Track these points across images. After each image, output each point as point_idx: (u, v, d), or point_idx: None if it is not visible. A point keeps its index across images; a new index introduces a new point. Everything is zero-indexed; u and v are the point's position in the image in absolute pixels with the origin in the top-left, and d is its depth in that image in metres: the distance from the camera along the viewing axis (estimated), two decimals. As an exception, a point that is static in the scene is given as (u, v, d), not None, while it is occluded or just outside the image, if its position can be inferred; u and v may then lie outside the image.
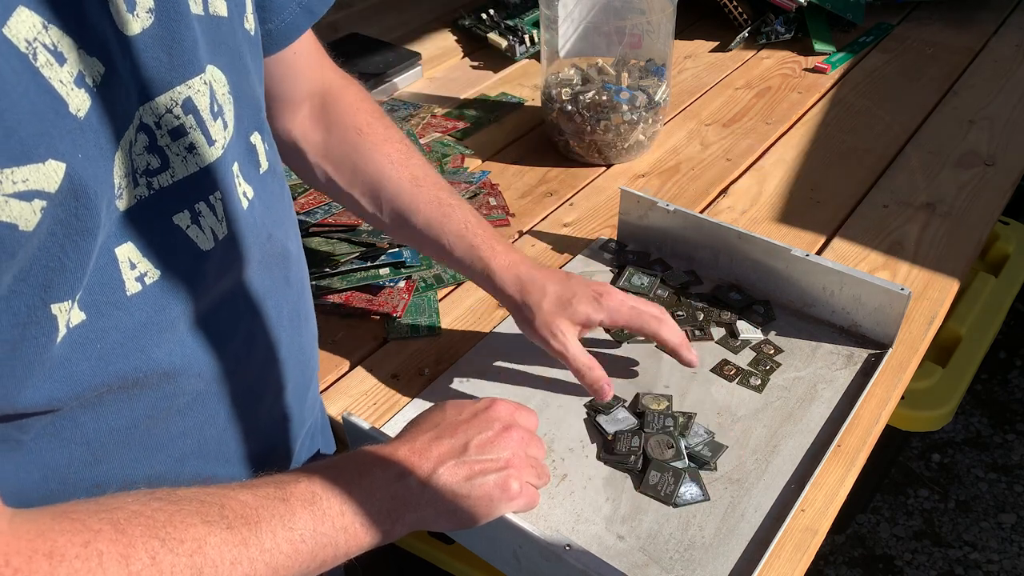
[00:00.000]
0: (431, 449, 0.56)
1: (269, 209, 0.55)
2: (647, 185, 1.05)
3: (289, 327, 0.59)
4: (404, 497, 0.53)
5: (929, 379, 1.14)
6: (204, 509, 0.44)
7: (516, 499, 0.57)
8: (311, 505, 0.49)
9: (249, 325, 0.55)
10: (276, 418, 0.61)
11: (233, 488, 0.48)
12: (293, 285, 0.60)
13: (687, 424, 0.71)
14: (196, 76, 0.46)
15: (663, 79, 1.08)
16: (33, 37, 0.36)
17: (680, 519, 0.65)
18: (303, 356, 0.62)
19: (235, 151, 0.51)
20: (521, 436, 0.59)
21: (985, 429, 1.84)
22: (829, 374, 0.77)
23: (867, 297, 0.78)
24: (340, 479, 0.52)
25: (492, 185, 1.03)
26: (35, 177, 0.36)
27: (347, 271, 0.87)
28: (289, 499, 0.48)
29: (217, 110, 0.48)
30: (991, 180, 1.05)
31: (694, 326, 0.82)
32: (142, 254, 0.44)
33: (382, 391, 0.77)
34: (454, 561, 1.00)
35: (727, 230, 0.84)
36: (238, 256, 0.52)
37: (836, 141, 1.14)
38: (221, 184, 0.49)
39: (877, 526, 1.66)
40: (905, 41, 1.40)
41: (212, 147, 0.48)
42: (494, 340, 0.81)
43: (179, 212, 0.47)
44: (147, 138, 0.44)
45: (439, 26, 1.46)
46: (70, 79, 0.38)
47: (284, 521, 0.47)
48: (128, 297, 0.44)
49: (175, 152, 0.46)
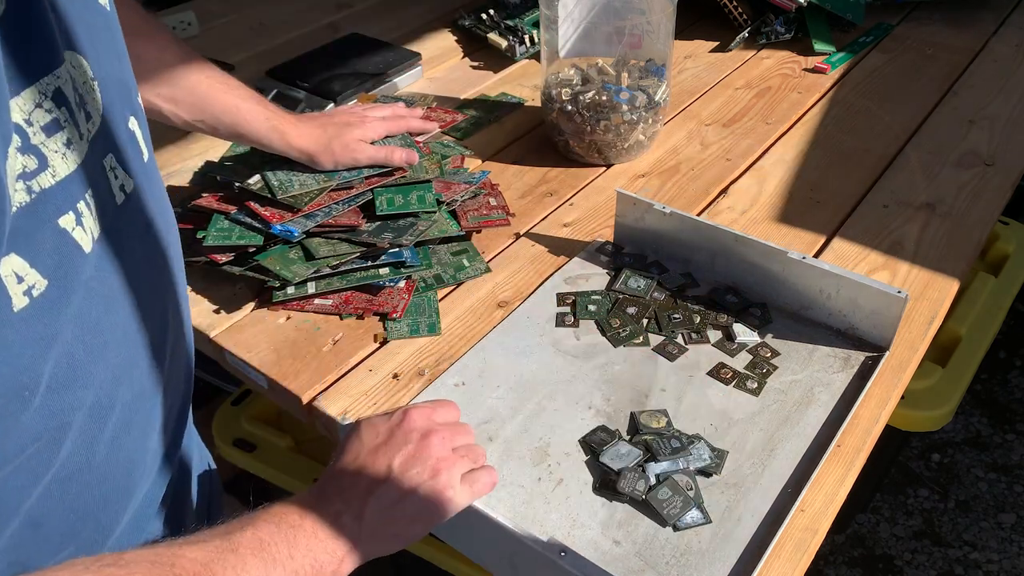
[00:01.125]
0: (357, 483, 0.57)
1: (151, 200, 0.53)
2: (647, 185, 1.05)
3: (173, 325, 0.58)
4: (344, 536, 0.54)
5: (929, 379, 1.14)
6: (156, 571, 0.44)
7: (458, 496, 0.58)
8: (260, 552, 0.49)
9: (134, 328, 0.52)
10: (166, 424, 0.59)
11: (180, 545, 0.47)
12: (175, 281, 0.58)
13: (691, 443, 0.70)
14: (61, 65, 0.43)
15: (663, 79, 1.08)
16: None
17: (676, 522, 0.65)
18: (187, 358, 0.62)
19: (108, 141, 0.48)
20: (442, 437, 0.60)
21: (985, 429, 1.84)
22: (826, 377, 0.77)
23: (864, 300, 0.78)
24: (283, 524, 0.52)
25: (492, 185, 1.03)
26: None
27: (347, 271, 0.87)
28: (238, 549, 0.49)
29: (79, 101, 0.45)
30: (991, 180, 1.05)
31: (690, 329, 0.82)
32: (30, 265, 0.41)
33: (382, 391, 0.77)
34: (454, 561, 1.01)
35: (724, 232, 0.84)
36: (116, 256, 0.49)
37: (836, 141, 1.14)
38: (94, 179, 0.46)
39: (877, 526, 1.66)
40: (905, 41, 1.40)
41: (82, 140, 0.45)
42: (494, 340, 0.81)
43: (64, 214, 0.43)
44: (19, 138, 0.40)
45: (439, 26, 1.46)
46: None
47: (237, 572, 0.47)
48: (15, 313, 0.40)
49: (53, 149, 0.42)
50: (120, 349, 0.50)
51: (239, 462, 1.14)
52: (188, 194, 0.99)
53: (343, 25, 1.46)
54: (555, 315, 0.84)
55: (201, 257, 0.89)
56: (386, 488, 0.56)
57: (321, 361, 0.80)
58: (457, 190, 0.97)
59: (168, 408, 0.58)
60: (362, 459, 0.58)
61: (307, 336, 0.83)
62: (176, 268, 0.59)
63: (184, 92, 0.84)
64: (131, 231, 0.50)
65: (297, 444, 1.14)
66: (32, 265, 0.41)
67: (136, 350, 0.53)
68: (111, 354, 0.49)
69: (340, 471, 0.58)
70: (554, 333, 0.82)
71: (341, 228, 0.89)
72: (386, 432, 0.60)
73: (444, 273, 0.89)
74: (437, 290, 0.87)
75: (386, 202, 0.91)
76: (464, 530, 0.65)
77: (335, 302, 0.85)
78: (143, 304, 0.52)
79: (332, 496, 0.56)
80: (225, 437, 1.14)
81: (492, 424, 0.72)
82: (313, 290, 0.85)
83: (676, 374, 0.77)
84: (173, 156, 1.11)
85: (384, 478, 0.57)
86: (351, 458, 0.59)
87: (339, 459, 0.59)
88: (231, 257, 0.88)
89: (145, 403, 0.55)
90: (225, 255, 0.87)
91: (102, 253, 0.47)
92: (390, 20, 1.48)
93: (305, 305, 0.85)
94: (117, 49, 0.51)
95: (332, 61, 1.28)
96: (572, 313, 0.84)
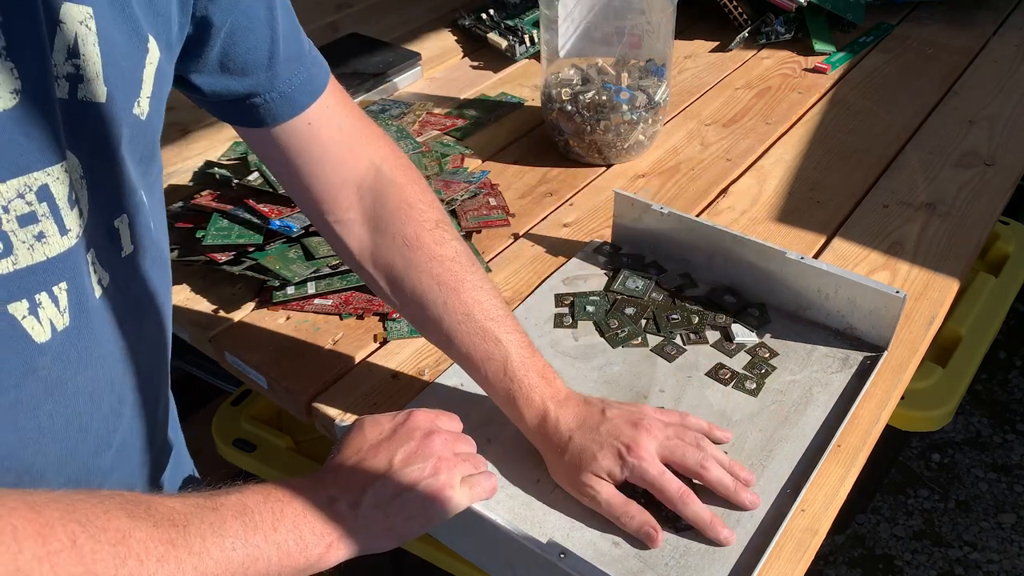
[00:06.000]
0: (356, 475, 0.56)
1: (131, 294, 0.53)
2: (647, 185, 1.05)
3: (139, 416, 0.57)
4: (336, 522, 0.53)
5: (929, 379, 1.13)
6: (129, 507, 0.43)
7: (458, 496, 0.58)
8: (242, 516, 0.48)
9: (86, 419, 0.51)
10: None
11: (159, 496, 0.46)
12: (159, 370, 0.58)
13: None
14: (57, 164, 0.44)
15: (663, 79, 1.08)
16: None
17: (675, 523, 0.65)
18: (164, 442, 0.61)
19: (91, 238, 0.48)
20: (445, 439, 0.59)
21: (985, 429, 1.84)
22: (824, 377, 0.77)
23: (862, 300, 0.78)
24: (271, 497, 0.51)
25: (492, 185, 1.03)
26: None
27: (347, 271, 0.87)
28: (219, 508, 0.48)
29: (74, 199, 0.46)
30: (991, 180, 1.05)
31: (689, 329, 0.82)
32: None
33: (382, 391, 0.77)
34: (454, 561, 1.01)
35: (722, 233, 0.84)
36: (86, 349, 0.49)
37: (836, 141, 1.14)
38: (70, 274, 0.46)
39: (877, 526, 1.66)
40: (905, 41, 1.40)
41: (65, 236, 0.45)
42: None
43: (16, 301, 0.43)
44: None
45: (439, 26, 1.46)
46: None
47: (214, 528, 0.46)
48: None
49: (21, 239, 0.43)
50: (85, 438, 0.50)
51: (239, 462, 1.14)
52: (188, 193, 0.99)
53: (343, 25, 1.46)
54: (553, 316, 0.84)
55: (200, 256, 0.89)
56: (385, 481, 0.56)
57: (321, 361, 0.80)
58: (457, 189, 0.97)
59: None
60: (363, 452, 0.58)
61: (307, 336, 0.83)
62: (159, 356, 0.58)
63: (432, 321, 0.68)
64: (106, 324, 0.50)
65: (297, 444, 1.14)
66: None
67: (105, 438, 0.52)
68: (75, 444, 0.49)
69: (339, 463, 0.57)
70: (552, 334, 0.82)
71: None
72: (390, 429, 0.59)
73: (443, 273, 0.89)
74: (436, 290, 0.87)
75: (386, 202, 0.90)
76: (462, 532, 0.65)
77: (335, 302, 0.86)
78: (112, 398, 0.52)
79: (328, 483, 0.55)
80: (225, 437, 1.14)
81: (491, 426, 0.72)
82: (313, 290, 0.85)
83: (675, 375, 0.77)
84: (173, 156, 1.11)
85: (384, 472, 0.56)
86: (352, 451, 0.58)
87: (339, 452, 0.59)
88: (230, 256, 0.88)
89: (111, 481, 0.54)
90: (224, 254, 0.88)
91: (64, 345, 0.47)
92: (390, 20, 1.48)
93: (305, 305, 0.85)
94: (135, 153, 0.51)
95: (332, 61, 1.27)
96: (570, 314, 0.84)
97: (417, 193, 0.69)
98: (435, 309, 0.66)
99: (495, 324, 0.66)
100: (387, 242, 0.67)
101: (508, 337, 0.66)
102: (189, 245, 0.92)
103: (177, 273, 0.90)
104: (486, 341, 0.66)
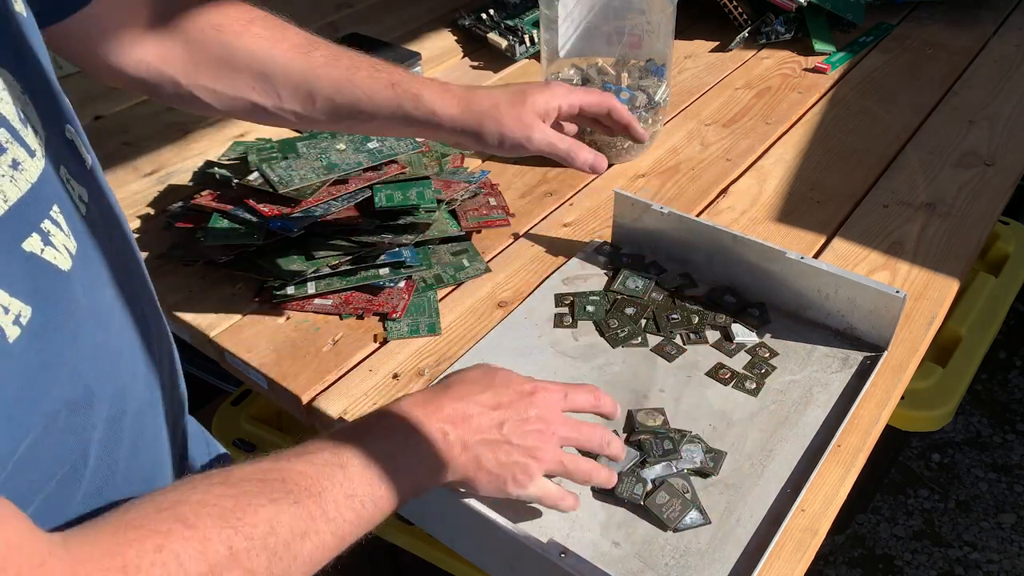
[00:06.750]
0: (473, 418, 0.58)
1: (105, 206, 0.52)
2: (647, 185, 1.05)
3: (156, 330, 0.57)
4: (446, 454, 0.56)
5: (929, 379, 1.14)
6: (267, 489, 0.45)
7: (532, 487, 0.59)
8: (367, 469, 0.50)
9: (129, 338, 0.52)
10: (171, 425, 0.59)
11: (288, 459, 0.49)
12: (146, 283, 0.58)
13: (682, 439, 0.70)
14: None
15: (663, 79, 1.08)
16: None
17: (675, 523, 0.65)
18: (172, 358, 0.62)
19: (54, 153, 0.46)
20: (555, 437, 0.60)
21: (985, 429, 1.84)
22: (824, 377, 0.77)
23: (862, 300, 0.78)
24: (392, 439, 0.54)
25: (492, 185, 1.03)
26: None
27: (347, 271, 0.87)
28: (347, 465, 0.50)
29: (24, 117, 0.44)
30: (991, 180, 1.05)
31: (689, 329, 0.82)
32: (10, 295, 0.39)
33: (382, 391, 0.77)
34: (454, 561, 1.01)
35: (721, 233, 0.84)
36: (96, 268, 0.48)
37: (836, 141, 1.14)
38: (57, 195, 0.45)
39: (877, 526, 1.66)
40: (905, 41, 1.40)
41: (34, 158, 0.43)
42: (493, 340, 0.81)
43: (27, 237, 0.42)
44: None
45: (439, 26, 1.46)
46: None
47: (345, 488, 0.49)
48: (11, 344, 0.39)
49: (1, 174, 0.41)
50: (119, 361, 0.50)
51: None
52: (188, 193, 0.99)
53: (343, 25, 1.46)
54: (553, 316, 0.84)
55: (200, 257, 0.89)
56: (492, 440, 0.58)
57: (321, 361, 0.80)
58: (457, 189, 0.97)
59: (168, 409, 0.59)
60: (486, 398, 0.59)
61: (307, 336, 0.83)
62: (143, 271, 0.58)
63: (281, 79, 0.67)
64: (99, 241, 0.49)
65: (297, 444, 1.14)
66: (12, 295, 0.39)
67: (134, 358, 0.53)
68: (113, 367, 0.49)
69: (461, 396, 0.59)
70: (552, 334, 0.82)
71: (340, 226, 0.89)
72: (516, 393, 0.60)
73: (444, 273, 0.89)
74: (437, 290, 0.87)
75: (385, 198, 0.90)
76: (462, 531, 0.65)
77: (335, 302, 0.86)
78: (128, 313, 0.52)
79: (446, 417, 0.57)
80: (225, 437, 1.14)
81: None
82: (313, 290, 0.85)
83: (674, 375, 0.77)
84: (173, 156, 1.11)
85: (496, 428, 0.58)
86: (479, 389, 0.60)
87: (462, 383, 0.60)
88: (230, 256, 0.88)
89: (150, 409, 0.55)
90: (224, 255, 0.88)
91: (83, 267, 0.46)
92: (390, 20, 1.48)
93: (305, 305, 0.85)
94: (39, 56, 0.49)
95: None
96: (570, 314, 0.84)
97: None
98: (277, 64, 0.67)
99: (343, 50, 0.69)
100: (198, 38, 0.66)
101: (360, 55, 0.70)
102: (189, 245, 0.92)
103: (177, 273, 0.90)
104: (341, 64, 0.68)
